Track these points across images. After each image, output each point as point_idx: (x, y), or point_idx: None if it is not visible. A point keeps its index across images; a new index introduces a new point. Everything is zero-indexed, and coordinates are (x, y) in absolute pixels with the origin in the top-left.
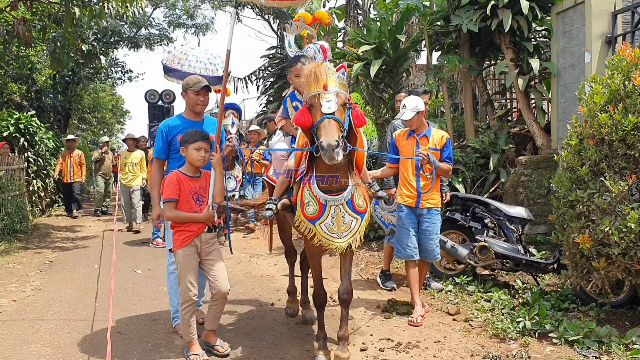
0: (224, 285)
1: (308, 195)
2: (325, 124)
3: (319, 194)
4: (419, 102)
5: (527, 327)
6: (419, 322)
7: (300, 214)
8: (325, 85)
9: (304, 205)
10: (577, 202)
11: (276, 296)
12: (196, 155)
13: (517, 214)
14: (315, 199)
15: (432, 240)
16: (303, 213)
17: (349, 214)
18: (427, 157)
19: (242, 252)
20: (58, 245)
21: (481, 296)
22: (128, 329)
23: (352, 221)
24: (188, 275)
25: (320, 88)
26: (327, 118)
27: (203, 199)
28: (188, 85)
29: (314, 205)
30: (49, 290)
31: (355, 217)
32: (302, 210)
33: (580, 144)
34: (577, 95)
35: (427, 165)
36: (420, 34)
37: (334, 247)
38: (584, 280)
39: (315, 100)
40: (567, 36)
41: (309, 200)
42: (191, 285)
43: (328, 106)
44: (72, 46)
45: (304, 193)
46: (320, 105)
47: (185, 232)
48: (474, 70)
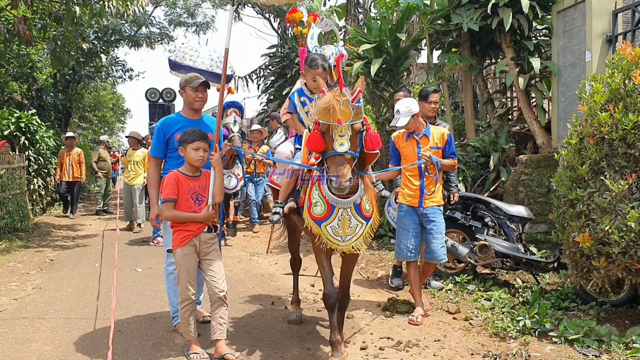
0: (221, 287)
1: (317, 195)
2: (337, 161)
3: (328, 195)
4: (412, 105)
5: (527, 325)
6: (420, 321)
7: (307, 213)
8: (339, 120)
9: (312, 205)
10: (577, 201)
11: (276, 294)
12: (195, 155)
13: (517, 212)
14: (324, 200)
15: (438, 240)
16: (310, 213)
17: (356, 218)
18: (430, 159)
19: (243, 250)
20: (59, 244)
21: (481, 295)
22: (129, 328)
23: (358, 225)
24: (187, 275)
25: (334, 122)
26: (339, 155)
27: (202, 199)
28: (186, 82)
29: (322, 206)
30: (50, 289)
31: (361, 222)
32: (309, 210)
33: (580, 143)
34: (578, 94)
35: (431, 167)
36: (420, 33)
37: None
38: (584, 279)
39: (328, 131)
40: (568, 35)
41: (317, 201)
42: (190, 285)
43: (340, 142)
44: (73, 45)
45: (312, 193)
46: (333, 139)
47: (185, 231)
48: (475, 69)
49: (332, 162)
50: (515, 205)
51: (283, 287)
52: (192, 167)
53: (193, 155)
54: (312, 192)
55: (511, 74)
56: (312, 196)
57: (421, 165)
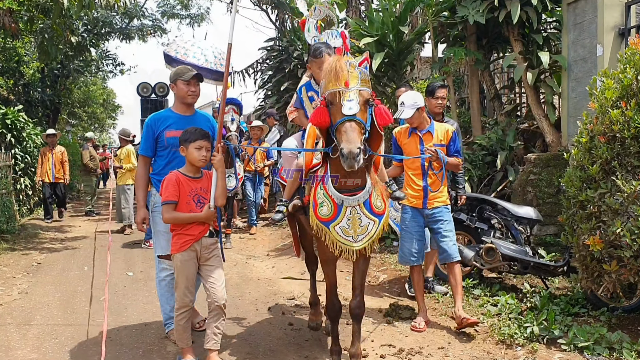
0: (220, 295)
1: (322, 194)
2: (347, 127)
3: (334, 193)
4: (417, 98)
5: (535, 332)
6: (422, 328)
7: (313, 215)
8: (346, 83)
9: (317, 205)
10: (587, 202)
11: (273, 300)
12: (197, 155)
13: (525, 214)
14: (330, 199)
15: (448, 237)
16: (316, 214)
17: (366, 216)
18: (435, 154)
19: (239, 253)
20: (46, 247)
21: (487, 300)
22: (119, 335)
23: (370, 224)
24: (186, 281)
25: (341, 85)
26: (349, 120)
27: (204, 201)
28: (177, 75)
29: (328, 205)
30: (37, 294)
31: (373, 220)
32: (315, 212)
33: (591, 142)
34: (588, 90)
35: (436, 163)
36: (424, 26)
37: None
38: (594, 284)
39: (335, 99)
40: (579, 28)
41: (323, 201)
42: (188, 292)
43: (349, 106)
44: (61, 38)
45: (317, 192)
46: (341, 105)
47: (186, 235)
48: (481, 63)
49: (340, 130)
50: (523, 206)
51: (280, 292)
52: (193, 167)
53: (195, 155)
54: (317, 192)
55: (519, 68)
56: (317, 196)
57: (424, 163)
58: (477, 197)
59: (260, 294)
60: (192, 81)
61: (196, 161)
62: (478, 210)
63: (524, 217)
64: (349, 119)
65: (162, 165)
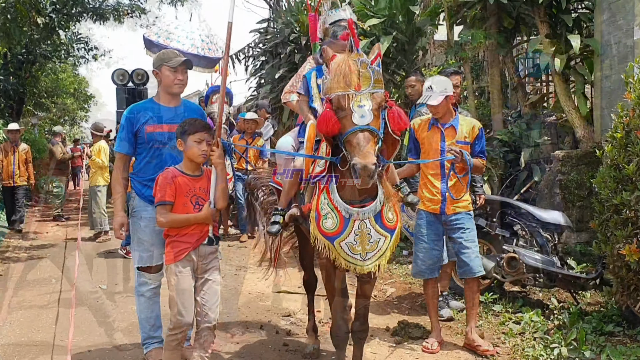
0: (213, 316)
1: (326, 205)
2: (360, 139)
3: (340, 204)
4: (447, 85)
5: (563, 354)
6: (435, 349)
7: (316, 228)
8: (357, 85)
9: (321, 217)
10: (622, 206)
11: (266, 317)
12: (197, 149)
13: (552, 219)
14: (335, 211)
15: (470, 249)
16: (319, 228)
17: (377, 231)
18: (460, 155)
19: (227, 264)
20: (8, 256)
21: (509, 317)
22: (90, 356)
23: (380, 239)
24: (182, 297)
25: (351, 88)
26: (361, 130)
27: (203, 203)
28: (163, 61)
29: (333, 218)
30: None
31: (384, 235)
32: (318, 225)
33: (627, 137)
34: (624, 79)
35: (459, 165)
36: (438, 6)
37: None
38: (630, 299)
39: (345, 103)
40: (614, 8)
41: (328, 212)
42: (184, 310)
43: (361, 114)
44: (26, 19)
45: (320, 202)
46: (351, 111)
47: (182, 243)
48: (503, 48)
49: (352, 142)
50: (550, 211)
51: (274, 309)
52: (192, 164)
53: (195, 149)
54: (320, 201)
55: (546, 54)
56: (321, 206)
57: (443, 162)
58: (498, 200)
59: (250, 310)
60: (180, 68)
61: (196, 156)
62: (499, 215)
63: (551, 222)
64: (362, 129)
65: (143, 165)
